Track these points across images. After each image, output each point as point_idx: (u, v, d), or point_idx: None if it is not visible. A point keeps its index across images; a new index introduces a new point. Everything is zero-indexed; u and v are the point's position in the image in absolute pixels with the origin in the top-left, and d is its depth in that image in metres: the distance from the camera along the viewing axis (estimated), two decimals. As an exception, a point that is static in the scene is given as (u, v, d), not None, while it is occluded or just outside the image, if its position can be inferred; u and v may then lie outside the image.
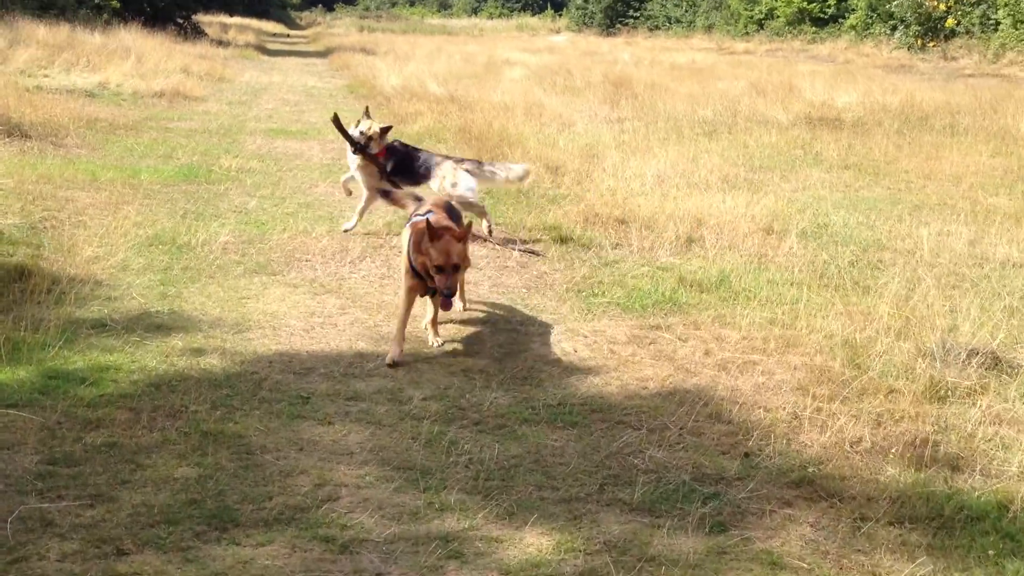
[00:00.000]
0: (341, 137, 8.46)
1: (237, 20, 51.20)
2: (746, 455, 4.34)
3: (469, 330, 6.14)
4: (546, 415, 4.78)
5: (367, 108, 8.78)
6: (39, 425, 4.33)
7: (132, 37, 25.70)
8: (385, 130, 8.29)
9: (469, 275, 7.06)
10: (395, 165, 8.21)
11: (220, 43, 34.93)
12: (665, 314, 6.42)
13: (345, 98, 21.50)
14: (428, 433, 4.49)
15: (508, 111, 16.11)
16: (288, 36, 58.49)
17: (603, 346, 5.84)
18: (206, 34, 37.76)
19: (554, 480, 4.11)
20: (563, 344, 5.87)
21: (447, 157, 8.48)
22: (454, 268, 5.24)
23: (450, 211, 5.95)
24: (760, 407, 4.86)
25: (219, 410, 4.67)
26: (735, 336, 5.91)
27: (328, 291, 6.78)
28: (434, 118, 15.41)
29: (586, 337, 6.00)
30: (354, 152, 8.26)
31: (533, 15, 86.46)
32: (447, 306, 5.45)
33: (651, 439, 4.51)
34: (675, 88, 21.15)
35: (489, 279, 7.30)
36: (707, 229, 8.33)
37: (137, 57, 21.35)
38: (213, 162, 11.60)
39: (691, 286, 6.93)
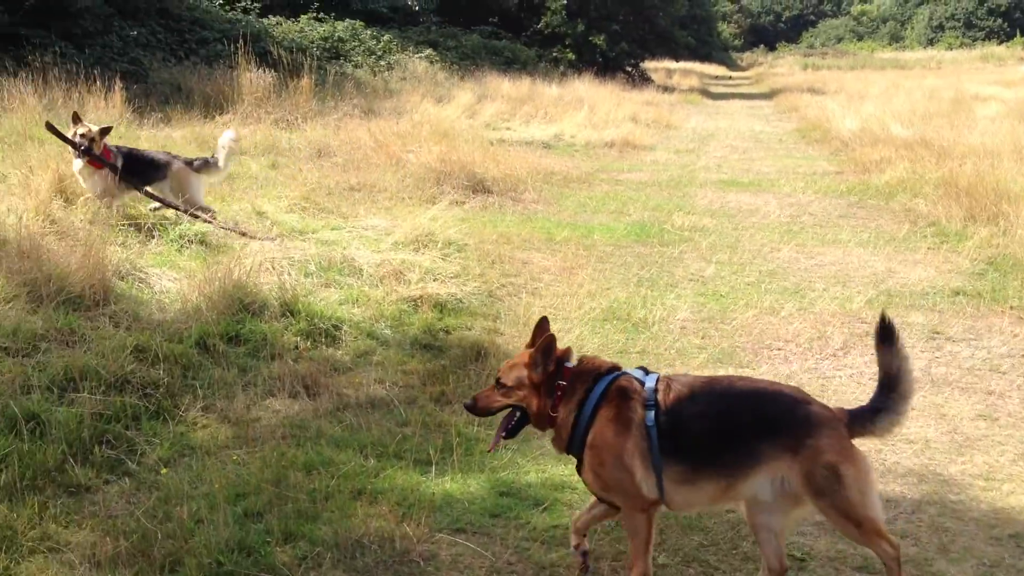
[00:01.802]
0: (60, 141, 8.15)
1: (681, 65, 51.68)
2: None
3: (1005, 468, 4.65)
4: None
5: (75, 113, 8.31)
6: (488, 567, 3.69)
7: (585, 87, 26.51)
8: (104, 131, 8.01)
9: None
10: (124, 166, 8.03)
11: (665, 89, 35.21)
12: None
13: (796, 143, 20.18)
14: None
15: (992, 156, 13.75)
16: (730, 78, 58.07)
17: None
18: (652, 80, 38.36)
19: None
20: None
21: (175, 157, 8.48)
22: (497, 383, 3.58)
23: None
24: None
25: (692, 567, 3.74)
26: None
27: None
28: (906, 167, 13.57)
29: None
30: (77, 156, 7.90)
31: (999, 43, 77.68)
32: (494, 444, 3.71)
33: None
34: None
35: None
36: None
37: (589, 107, 21.78)
38: (665, 219, 10.97)
39: None
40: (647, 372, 3.51)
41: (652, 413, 3.33)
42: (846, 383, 5.85)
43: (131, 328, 5.65)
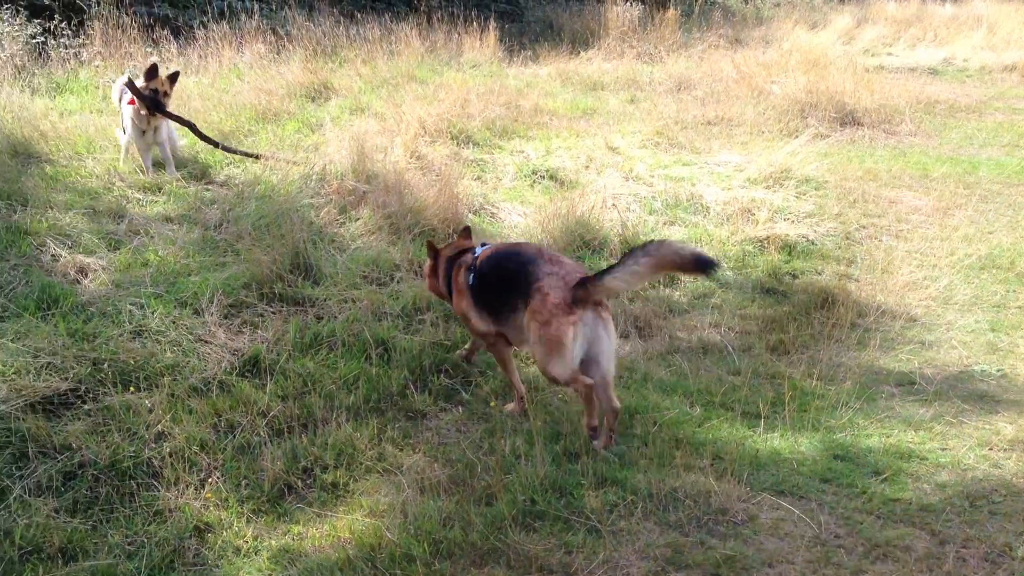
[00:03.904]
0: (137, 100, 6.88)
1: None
2: None
3: None
4: None
5: (153, 65, 7.00)
6: (812, 538, 3.39)
7: (985, 4, 23.50)
8: (172, 78, 7.07)
9: None
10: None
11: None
12: None
13: None
14: None
15: None
16: None
17: None
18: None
19: None
20: None
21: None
22: None
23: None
24: None
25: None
26: None
27: None
28: None
29: None
30: (151, 113, 6.87)
31: None
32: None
33: None
34: None
35: None
36: None
37: (988, 26, 19.30)
38: (1071, 153, 9.47)
39: None
40: (484, 245, 4.43)
41: (471, 276, 4.26)
42: None
43: (477, 261, 5.86)
